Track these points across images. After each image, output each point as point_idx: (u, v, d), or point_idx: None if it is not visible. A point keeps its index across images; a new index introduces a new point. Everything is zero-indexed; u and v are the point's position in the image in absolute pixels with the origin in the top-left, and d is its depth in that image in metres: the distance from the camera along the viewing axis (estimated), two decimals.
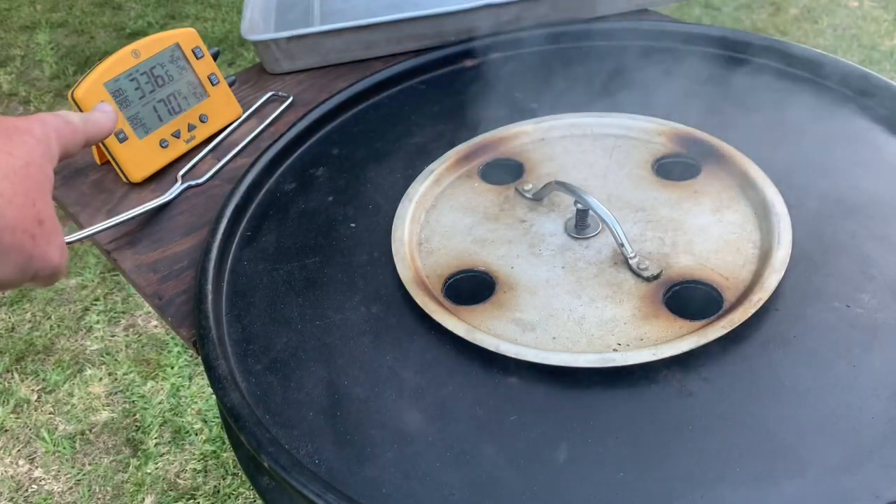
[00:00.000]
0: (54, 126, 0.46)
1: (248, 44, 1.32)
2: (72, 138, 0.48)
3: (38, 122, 0.45)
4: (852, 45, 2.37)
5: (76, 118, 0.49)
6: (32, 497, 1.44)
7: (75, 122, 0.49)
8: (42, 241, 0.42)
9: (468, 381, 0.56)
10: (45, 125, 0.45)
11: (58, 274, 0.45)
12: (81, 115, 0.50)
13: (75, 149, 0.49)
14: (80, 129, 0.49)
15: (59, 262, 0.44)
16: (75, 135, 0.48)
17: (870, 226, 0.63)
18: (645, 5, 0.92)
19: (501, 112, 0.78)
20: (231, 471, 1.44)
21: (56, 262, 0.43)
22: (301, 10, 1.02)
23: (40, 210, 0.41)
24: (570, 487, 0.49)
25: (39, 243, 0.42)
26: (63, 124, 0.47)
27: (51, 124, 0.46)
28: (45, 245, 0.42)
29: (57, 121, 0.47)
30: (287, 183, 0.76)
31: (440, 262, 0.65)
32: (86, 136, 0.50)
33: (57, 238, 0.43)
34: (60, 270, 0.45)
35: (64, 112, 0.49)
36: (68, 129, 0.48)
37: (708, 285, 0.59)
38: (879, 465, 0.48)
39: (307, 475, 0.49)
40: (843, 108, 0.74)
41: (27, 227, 0.41)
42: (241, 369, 0.59)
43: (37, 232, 0.41)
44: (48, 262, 0.43)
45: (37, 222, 0.41)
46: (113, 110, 0.53)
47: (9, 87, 2.55)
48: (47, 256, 0.42)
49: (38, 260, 0.42)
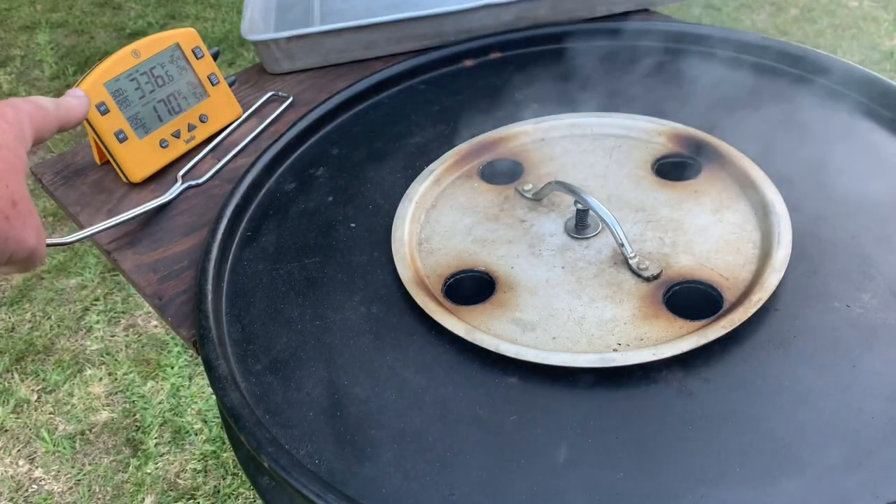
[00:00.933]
0: (27, 111, 0.47)
1: (248, 44, 1.32)
2: (44, 123, 0.48)
3: (9, 107, 0.45)
4: (852, 45, 2.37)
5: (48, 103, 0.49)
6: (32, 497, 1.44)
7: (47, 107, 0.49)
8: (17, 223, 0.42)
9: (468, 381, 0.56)
10: (17, 109, 0.46)
11: (34, 257, 0.44)
12: (54, 101, 0.50)
13: (48, 133, 0.49)
14: (53, 114, 0.49)
15: (35, 243, 0.44)
16: (47, 119, 0.49)
17: (870, 226, 0.63)
18: (645, 5, 0.92)
19: (501, 112, 0.78)
20: (231, 471, 1.44)
21: (32, 244, 0.43)
22: (301, 10, 1.02)
23: (14, 191, 0.41)
24: (570, 487, 0.49)
25: (14, 224, 0.42)
26: (35, 109, 0.48)
27: (23, 109, 0.47)
28: (20, 226, 0.42)
29: (29, 105, 0.47)
30: (287, 183, 0.76)
31: (440, 262, 0.65)
32: (59, 121, 0.50)
33: (32, 219, 0.43)
34: (38, 253, 0.44)
35: (36, 97, 0.49)
36: (40, 114, 0.48)
37: (708, 285, 0.59)
38: (879, 465, 0.48)
39: (307, 475, 0.49)
40: (843, 108, 0.74)
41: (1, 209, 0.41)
42: (241, 369, 0.59)
43: (10, 213, 0.41)
44: (23, 244, 0.43)
45: (10, 203, 0.41)
46: (84, 95, 0.54)
47: (9, 87, 2.55)
48: (22, 237, 0.42)
49: (13, 241, 0.42)
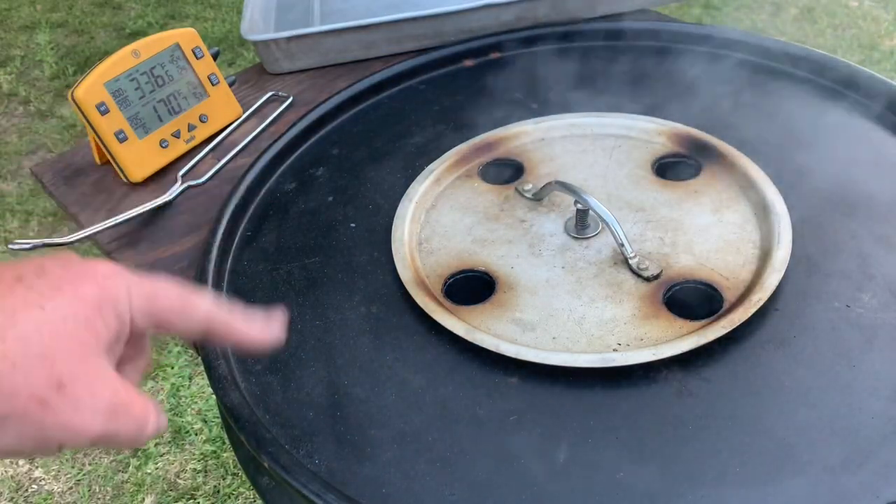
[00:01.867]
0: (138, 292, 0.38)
1: (248, 44, 1.32)
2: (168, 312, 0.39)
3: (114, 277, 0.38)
4: (852, 45, 2.37)
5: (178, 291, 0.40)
6: (32, 497, 1.44)
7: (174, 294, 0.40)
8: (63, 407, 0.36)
9: (468, 381, 0.56)
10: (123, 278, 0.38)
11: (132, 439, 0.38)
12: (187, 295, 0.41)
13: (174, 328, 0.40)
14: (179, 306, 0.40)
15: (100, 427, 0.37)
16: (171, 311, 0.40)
17: (870, 226, 0.63)
18: (645, 5, 0.92)
19: (501, 112, 0.78)
20: (231, 471, 1.44)
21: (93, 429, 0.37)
22: (301, 10, 1.02)
23: (62, 372, 0.36)
24: (571, 487, 0.49)
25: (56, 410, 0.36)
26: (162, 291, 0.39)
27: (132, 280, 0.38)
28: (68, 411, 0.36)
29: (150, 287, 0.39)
30: (287, 183, 0.76)
31: (440, 262, 0.65)
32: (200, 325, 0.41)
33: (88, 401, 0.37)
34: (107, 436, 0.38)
35: None
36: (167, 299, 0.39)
37: (708, 285, 0.59)
38: (879, 465, 0.48)
39: (307, 475, 0.49)
40: (844, 108, 0.74)
41: (35, 393, 0.35)
42: (241, 369, 0.59)
43: (51, 397, 0.36)
44: (73, 430, 0.37)
45: (53, 387, 0.36)
46: None
47: (9, 87, 2.55)
48: (70, 424, 0.36)
49: (57, 428, 0.36)
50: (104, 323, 0.37)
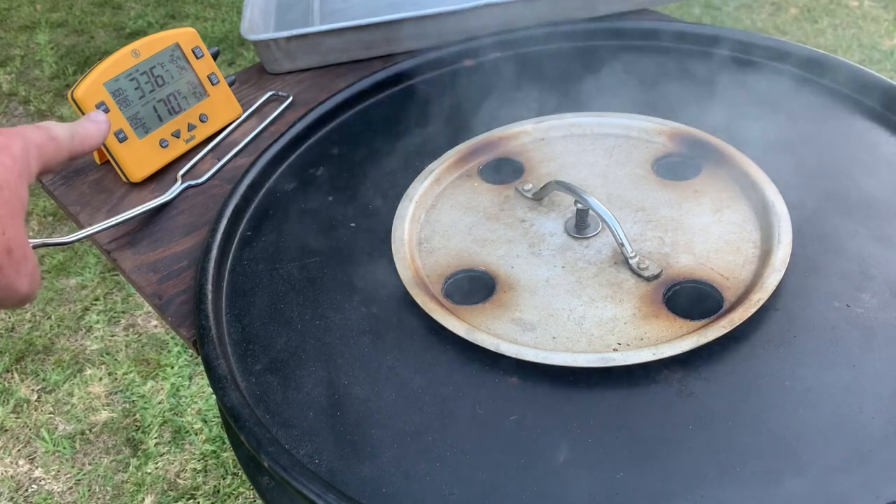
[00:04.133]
0: (36, 142, 0.44)
1: (248, 44, 1.32)
2: (54, 155, 0.46)
3: (18, 137, 0.43)
4: (852, 45, 2.37)
5: (62, 132, 0.47)
6: (32, 497, 1.44)
7: (61, 137, 0.46)
8: (10, 271, 0.40)
9: (468, 381, 0.56)
10: (26, 141, 0.43)
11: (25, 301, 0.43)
12: (69, 129, 0.48)
13: (57, 165, 0.47)
14: (66, 146, 0.47)
15: (28, 291, 0.42)
16: (59, 151, 0.46)
17: (870, 226, 0.63)
18: (645, 5, 0.92)
19: (501, 112, 0.78)
20: (231, 471, 1.44)
21: (24, 292, 0.42)
22: (301, 10, 1.02)
23: (10, 238, 0.40)
24: (570, 487, 0.49)
25: (7, 273, 0.40)
26: (47, 140, 0.45)
27: (33, 140, 0.44)
28: (13, 275, 0.40)
29: (40, 135, 0.45)
30: (287, 183, 0.76)
31: (440, 262, 0.65)
32: (70, 152, 0.47)
33: (26, 266, 0.41)
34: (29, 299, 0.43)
35: (49, 124, 0.46)
36: (52, 146, 0.45)
37: (708, 285, 0.59)
38: (879, 465, 0.48)
39: (307, 475, 0.49)
40: (844, 107, 0.74)
41: None
42: (241, 369, 0.59)
43: (4, 262, 0.39)
44: (14, 292, 0.41)
45: (5, 252, 0.39)
46: (106, 119, 0.51)
47: (9, 87, 2.55)
48: (14, 286, 0.41)
49: (4, 290, 0.40)
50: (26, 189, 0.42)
